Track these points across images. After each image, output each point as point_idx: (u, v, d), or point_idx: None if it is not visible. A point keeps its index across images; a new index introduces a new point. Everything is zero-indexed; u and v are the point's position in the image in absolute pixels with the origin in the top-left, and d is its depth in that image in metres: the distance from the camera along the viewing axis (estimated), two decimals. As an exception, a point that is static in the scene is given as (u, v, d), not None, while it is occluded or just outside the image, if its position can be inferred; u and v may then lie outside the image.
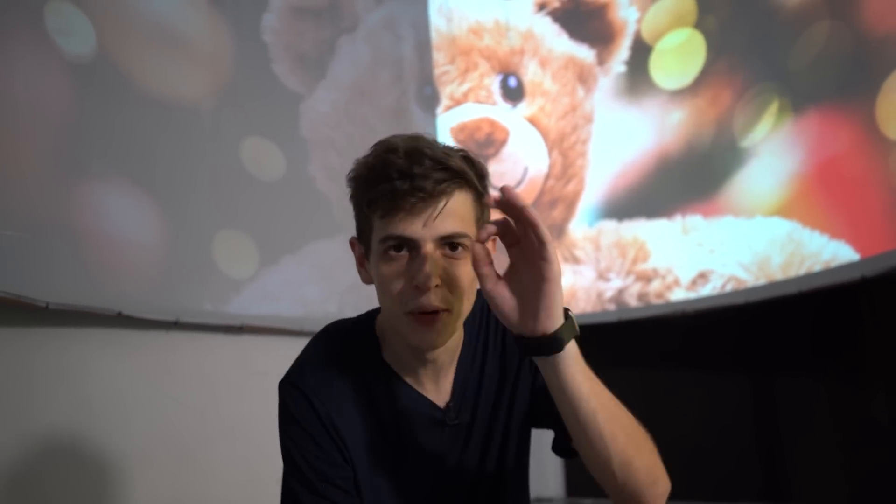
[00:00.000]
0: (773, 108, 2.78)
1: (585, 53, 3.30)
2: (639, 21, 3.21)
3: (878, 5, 2.49)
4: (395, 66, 3.37)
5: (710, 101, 2.97)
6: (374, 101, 3.28)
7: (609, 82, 3.23)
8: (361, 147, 1.26)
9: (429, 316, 1.11)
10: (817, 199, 2.66)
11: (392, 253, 1.11)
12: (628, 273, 3.06)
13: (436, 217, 1.09)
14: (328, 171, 3.14)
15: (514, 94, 3.34)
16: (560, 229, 3.22)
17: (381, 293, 1.16)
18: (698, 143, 2.98)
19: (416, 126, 3.29)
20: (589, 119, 3.25)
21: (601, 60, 3.27)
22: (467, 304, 1.15)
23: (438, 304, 1.10)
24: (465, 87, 3.35)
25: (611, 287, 3.09)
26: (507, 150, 3.30)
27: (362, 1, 3.39)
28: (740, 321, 2.85)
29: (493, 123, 3.31)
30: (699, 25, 3.05)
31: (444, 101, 3.35)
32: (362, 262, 1.21)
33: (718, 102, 2.94)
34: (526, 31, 3.39)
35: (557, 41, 3.35)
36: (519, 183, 3.27)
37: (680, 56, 3.08)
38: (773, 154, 2.77)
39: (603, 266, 3.12)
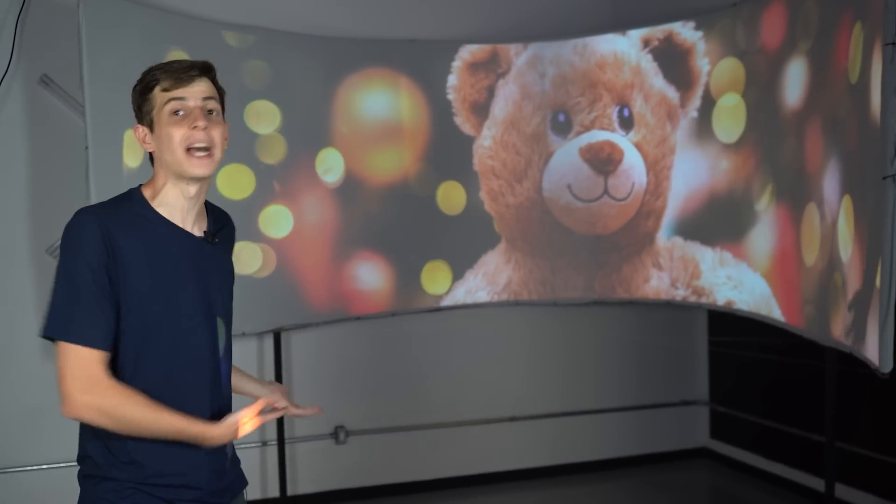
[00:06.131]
0: (769, 189, 3.41)
1: (673, 94, 3.99)
2: (709, 74, 3.79)
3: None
4: (537, 98, 4.37)
5: (742, 163, 3.61)
6: (520, 129, 4.38)
7: (686, 123, 3.93)
8: (513, 170, 2.79)
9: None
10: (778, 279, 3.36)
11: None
12: (687, 286, 3.97)
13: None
14: (490, 194, 4.41)
15: (626, 122, 4.18)
16: (651, 238, 4.15)
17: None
18: (736, 192, 3.67)
19: (551, 148, 4.34)
20: (672, 150, 4.02)
21: (682, 104, 3.94)
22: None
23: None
24: (593, 115, 4.26)
25: (679, 295, 4.02)
26: (622, 167, 4.22)
27: (514, 47, 4.39)
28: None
29: (612, 146, 4.22)
30: (745, 95, 3.59)
31: (576, 128, 4.30)
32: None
33: (747, 166, 3.58)
34: (635, 66, 4.12)
35: (656, 79, 4.05)
36: (629, 194, 4.21)
37: (730, 117, 3.68)
38: (765, 226, 3.44)
39: (674, 275, 4.04)
